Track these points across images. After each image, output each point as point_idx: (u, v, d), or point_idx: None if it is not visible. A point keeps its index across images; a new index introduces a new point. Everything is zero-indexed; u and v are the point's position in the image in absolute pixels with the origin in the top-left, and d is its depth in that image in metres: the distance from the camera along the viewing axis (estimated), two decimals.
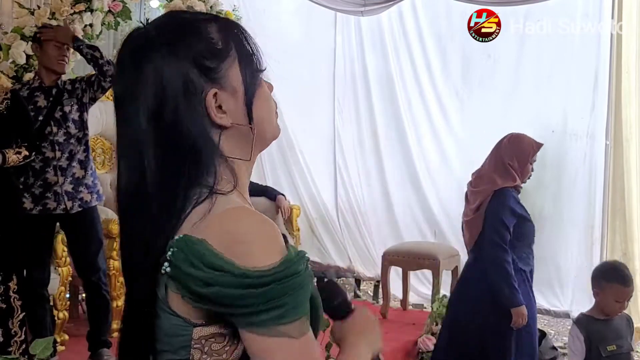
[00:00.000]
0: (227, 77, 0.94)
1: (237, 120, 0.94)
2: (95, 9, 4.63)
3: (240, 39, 0.96)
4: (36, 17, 4.45)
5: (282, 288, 0.83)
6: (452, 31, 5.10)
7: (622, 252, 4.19)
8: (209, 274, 0.83)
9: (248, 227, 0.86)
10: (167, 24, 0.96)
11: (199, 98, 0.92)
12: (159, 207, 0.90)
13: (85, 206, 3.51)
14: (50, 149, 3.42)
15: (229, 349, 0.88)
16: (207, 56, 0.93)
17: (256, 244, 0.84)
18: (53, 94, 3.47)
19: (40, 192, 3.43)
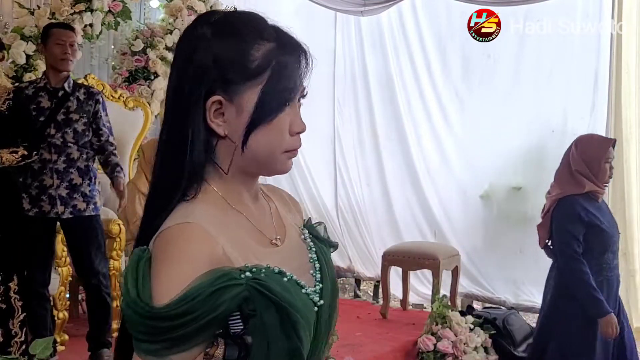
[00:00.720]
0: (240, 94, 0.95)
1: (232, 135, 0.97)
2: (95, 9, 4.64)
3: (284, 71, 0.96)
4: (36, 17, 4.46)
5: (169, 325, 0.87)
6: (452, 31, 5.10)
7: (622, 252, 4.19)
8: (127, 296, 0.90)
9: (172, 249, 0.91)
10: (222, 25, 0.98)
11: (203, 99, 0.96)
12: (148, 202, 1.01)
13: (77, 214, 3.45)
14: (47, 151, 3.39)
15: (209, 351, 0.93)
16: (233, 69, 0.95)
17: (166, 276, 0.89)
18: (58, 96, 3.45)
19: (36, 193, 3.41)
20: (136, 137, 4.85)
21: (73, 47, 3.49)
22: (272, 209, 1.08)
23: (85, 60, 5.52)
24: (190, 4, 5.30)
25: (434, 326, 3.88)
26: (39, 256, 3.46)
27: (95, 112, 3.52)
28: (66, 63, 3.46)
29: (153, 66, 5.15)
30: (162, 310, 0.87)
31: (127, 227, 4.21)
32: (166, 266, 0.90)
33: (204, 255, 0.91)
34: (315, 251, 1.07)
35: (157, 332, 0.88)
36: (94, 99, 3.52)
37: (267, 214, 1.06)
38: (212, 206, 0.97)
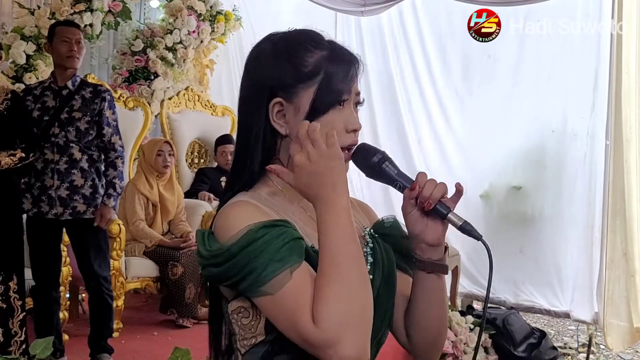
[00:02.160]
0: (297, 95, 1.07)
1: (292, 133, 1.07)
2: (95, 9, 4.64)
3: (336, 74, 1.08)
4: (36, 17, 4.46)
5: (241, 258, 0.96)
6: (452, 31, 5.10)
7: (622, 252, 4.19)
8: (200, 258, 1.02)
9: (229, 215, 1.03)
10: (281, 40, 1.12)
11: (266, 102, 1.08)
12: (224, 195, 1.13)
13: (76, 216, 3.41)
14: (50, 150, 3.36)
15: (254, 323, 1.02)
16: (289, 73, 1.07)
17: (229, 226, 1.00)
18: (63, 95, 3.42)
19: (37, 193, 3.38)
20: (136, 137, 4.86)
21: (79, 44, 3.45)
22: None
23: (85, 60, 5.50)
24: (190, 4, 5.31)
25: None
26: (43, 257, 3.44)
27: (100, 110, 3.44)
28: (72, 60, 3.43)
29: (153, 66, 5.15)
30: (232, 245, 0.97)
31: (126, 227, 4.21)
32: (227, 219, 1.02)
33: (261, 211, 1.03)
34: (372, 247, 1.15)
35: (241, 265, 0.96)
36: (100, 97, 3.45)
37: None
38: (269, 195, 1.10)
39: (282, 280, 0.95)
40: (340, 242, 0.97)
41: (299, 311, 0.94)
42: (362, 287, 0.97)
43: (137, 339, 4.02)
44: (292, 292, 0.95)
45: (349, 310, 0.94)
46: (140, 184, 4.42)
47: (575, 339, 5.07)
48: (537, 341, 4.08)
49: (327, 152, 1.00)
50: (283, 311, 0.95)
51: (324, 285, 0.95)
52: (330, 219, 0.99)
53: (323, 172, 1.00)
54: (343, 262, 0.96)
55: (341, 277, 0.95)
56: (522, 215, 4.80)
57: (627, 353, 4.78)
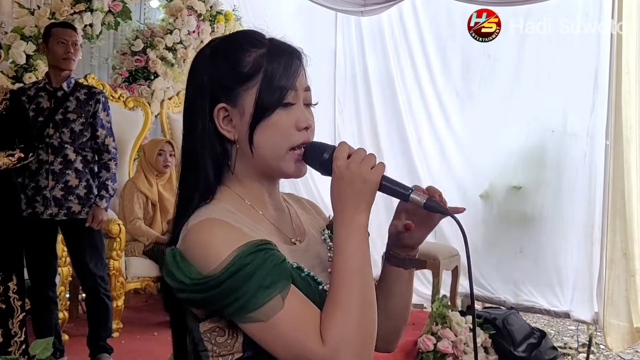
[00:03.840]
0: (240, 98, 1.04)
1: (240, 137, 1.05)
2: (95, 9, 4.63)
3: (276, 71, 1.03)
4: (36, 17, 4.45)
5: (232, 285, 0.93)
6: (452, 31, 5.10)
7: (622, 252, 4.19)
8: (177, 283, 0.97)
9: (203, 237, 0.97)
10: (218, 43, 1.09)
11: (209, 109, 1.05)
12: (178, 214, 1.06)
13: (71, 216, 3.42)
14: (45, 151, 3.37)
15: (230, 341, 1.00)
16: (227, 76, 1.04)
17: (209, 252, 0.95)
18: (57, 96, 3.42)
19: (32, 194, 3.38)
20: (136, 137, 4.85)
21: (75, 46, 3.45)
22: (292, 212, 1.15)
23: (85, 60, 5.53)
24: (190, 4, 5.30)
25: (434, 326, 3.88)
26: (39, 257, 3.44)
27: (95, 112, 3.45)
28: (68, 62, 3.43)
29: (153, 66, 5.15)
30: (221, 272, 0.93)
31: (125, 226, 4.21)
32: (205, 244, 0.96)
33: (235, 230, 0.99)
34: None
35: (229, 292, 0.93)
36: (95, 99, 3.47)
37: (286, 216, 1.13)
38: (230, 205, 1.05)
39: (273, 307, 0.93)
40: (354, 260, 0.98)
41: (303, 333, 0.94)
42: (369, 310, 0.97)
43: (137, 339, 4.02)
44: (288, 317, 0.94)
45: (358, 331, 0.94)
46: (139, 183, 4.42)
47: (575, 339, 5.07)
48: (537, 341, 4.08)
49: (368, 172, 1.00)
50: (280, 336, 0.94)
51: (336, 302, 0.96)
52: (345, 235, 0.99)
53: (352, 184, 0.99)
54: (355, 282, 0.97)
55: (352, 297, 0.96)
56: (522, 215, 4.80)
57: (627, 353, 4.78)
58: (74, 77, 3.56)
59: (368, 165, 1.00)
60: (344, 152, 1.02)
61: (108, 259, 3.87)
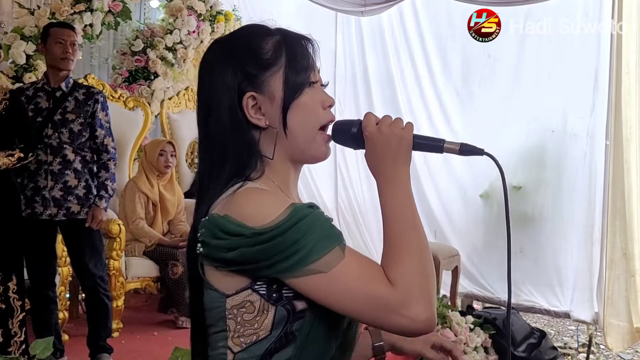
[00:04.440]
0: (267, 84, 1.05)
1: (272, 123, 1.06)
2: (95, 9, 4.63)
3: (297, 52, 1.07)
4: (36, 17, 4.45)
5: (292, 235, 0.93)
6: (452, 31, 5.10)
7: (622, 252, 4.19)
8: (230, 240, 0.95)
9: (255, 198, 0.99)
10: (231, 38, 1.12)
11: (237, 99, 1.05)
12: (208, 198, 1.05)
13: (70, 217, 3.41)
14: (44, 151, 3.36)
15: (259, 319, 0.98)
16: (251, 65, 1.05)
17: (263, 208, 0.96)
18: (56, 96, 3.42)
19: (31, 194, 3.37)
20: (136, 137, 4.85)
21: (74, 46, 3.44)
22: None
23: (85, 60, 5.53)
24: (190, 4, 5.30)
25: None
26: (39, 257, 3.44)
27: (93, 112, 3.45)
28: (67, 62, 3.42)
29: (153, 66, 5.15)
30: (281, 222, 0.94)
31: (126, 226, 4.21)
32: (258, 203, 0.97)
33: (281, 196, 1.02)
34: None
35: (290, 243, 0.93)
36: (93, 99, 3.46)
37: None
38: (266, 185, 1.06)
39: (334, 258, 0.95)
40: (405, 210, 1.02)
41: (370, 279, 0.96)
42: (428, 254, 1.01)
43: (137, 339, 4.02)
44: (352, 267, 0.95)
45: (422, 273, 0.97)
46: (141, 183, 4.42)
47: (575, 339, 5.07)
48: (537, 341, 4.08)
49: (400, 131, 1.04)
50: (345, 285, 0.94)
51: (396, 248, 0.99)
52: (393, 189, 1.03)
53: (388, 145, 1.03)
54: (410, 230, 1.00)
55: (411, 242, 0.99)
56: (522, 215, 4.79)
57: (627, 353, 4.78)
58: (72, 77, 3.55)
59: (398, 125, 1.05)
60: (373, 119, 1.06)
61: (108, 259, 3.87)
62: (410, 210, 1.02)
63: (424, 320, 0.95)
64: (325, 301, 0.95)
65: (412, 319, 0.94)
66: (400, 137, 1.04)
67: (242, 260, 0.96)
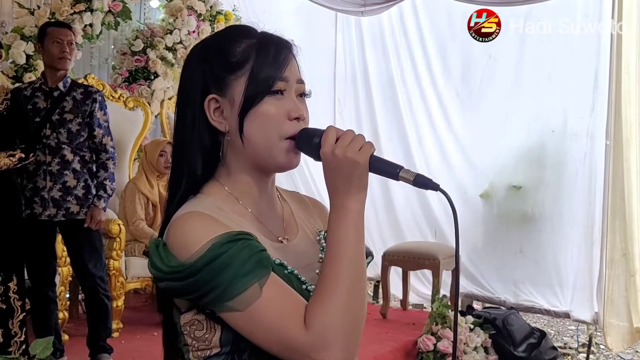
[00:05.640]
0: (230, 88, 1.03)
1: (231, 128, 1.04)
2: (95, 9, 4.63)
3: (266, 59, 1.03)
4: (36, 17, 4.46)
5: (205, 275, 0.92)
6: (452, 31, 5.10)
7: (622, 252, 4.19)
8: (157, 272, 0.97)
9: (184, 228, 0.97)
10: (210, 38, 1.12)
11: (200, 100, 1.04)
12: (168, 208, 1.06)
13: (69, 217, 3.40)
14: (43, 152, 3.34)
15: (208, 336, 0.99)
16: (218, 67, 1.04)
17: (187, 241, 0.95)
18: (54, 96, 3.41)
19: (30, 195, 3.37)
20: (136, 137, 4.85)
21: (71, 45, 3.43)
22: (286, 210, 1.13)
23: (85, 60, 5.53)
24: (190, 4, 5.30)
25: (434, 326, 3.88)
26: (39, 258, 3.43)
27: (92, 111, 3.43)
28: (64, 62, 3.40)
29: (153, 66, 5.15)
30: (196, 261, 0.93)
31: (126, 227, 4.21)
32: (185, 234, 0.96)
33: (217, 222, 0.98)
34: None
35: (205, 281, 0.93)
36: (91, 98, 3.44)
37: (277, 214, 1.11)
38: (219, 201, 1.04)
39: (250, 296, 0.92)
40: (343, 246, 0.97)
41: (285, 320, 0.93)
42: (359, 295, 0.96)
43: (137, 339, 4.02)
44: (267, 305, 0.93)
45: (343, 316, 0.93)
46: (140, 184, 4.42)
47: (575, 339, 5.07)
48: (537, 341, 4.08)
49: (355, 154, 0.97)
50: (260, 325, 0.93)
51: (322, 286, 0.95)
52: (337, 220, 0.98)
53: (340, 169, 0.98)
54: (343, 268, 0.95)
55: (340, 282, 0.94)
56: (522, 215, 4.80)
57: (627, 353, 4.78)
58: (70, 77, 3.53)
59: (355, 147, 0.97)
60: (332, 137, 0.99)
61: (108, 259, 3.87)
62: (352, 245, 0.97)
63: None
64: (245, 336, 0.95)
65: None
66: (354, 162, 0.97)
67: (170, 292, 0.98)
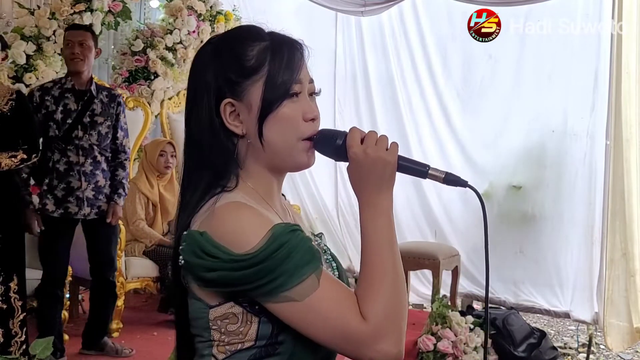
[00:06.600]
0: (247, 92, 1.03)
1: (249, 132, 1.04)
2: (95, 9, 4.63)
3: (281, 62, 1.03)
4: (36, 17, 4.45)
5: (269, 263, 0.93)
6: (452, 31, 5.10)
7: (622, 252, 4.19)
8: (209, 261, 0.95)
9: (236, 217, 0.97)
10: (220, 40, 1.09)
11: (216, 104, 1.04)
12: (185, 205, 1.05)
13: (101, 214, 3.56)
14: (75, 153, 3.45)
15: (243, 329, 0.99)
16: (232, 71, 1.04)
17: (244, 230, 0.96)
18: (84, 98, 3.48)
19: (62, 195, 3.45)
20: (136, 137, 4.85)
21: (82, 46, 3.47)
22: (290, 212, 1.18)
23: None
24: (190, 4, 5.30)
25: (434, 326, 3.88)
26: (59, 257, 3.52)
27: (117, 114, 3.60)
28: (75, 63, 3.47)
29: (153, 66, 5.15)
30: (259, 251, 0.93)
31: (126, 227, 4.21)
32: (234, 224, 0.96)
33: (263, 214, 1.00)
34: (329, 254, 1.19)
35: (267, 271, 0.93)
36: (116, 102, 3.60)
37: (287, 213, 1.15)
38: (248, 195, 1.05)
39: (309, 287, 0.94)
40: (382, 240, 1.01)
41: (342, 312, 0.95)
42: (402, 286, 1.00)
43: (137, 339, 4.02)
44: (325, 296, 0.95)
45: (394, 306, 0.97)
46: (141, 184, 4.43)
47: (575, 339, 5.07)
48: (537, 341, 4.08)
49: (385, 154, 1.01)
50: (318, 316, 0.95)
51: (370, 281, 0.98)
52: (372, 217, 1.01)
53: (373, 169, 1.01)
54: (386, 261, 0.99)
55: (386, 274, 0.99)
56: (522, 215, 4.80)
57: (627, 353, 4.78)
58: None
59: (383, 147, 1.01)
60: (357, 138, 1.02)
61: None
62: (389, 239, 1.01)
63: (394, 356, 0.96)
64: (298, 328, 0.96)
65: (382, 354, 0.95)
66: (385, 162, 1.01)
67: (220, 283, 0.96)
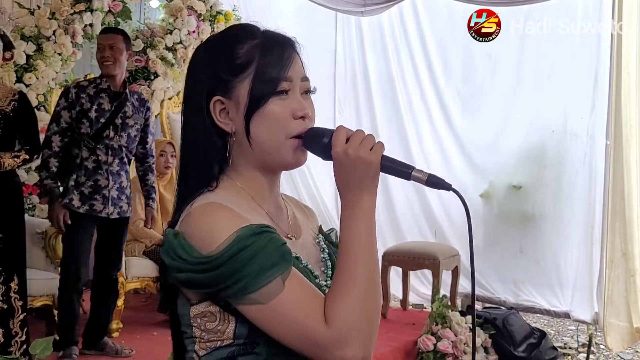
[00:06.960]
0: (235, 90, 1.04)
1: (237, 130, 1.05)
2: (95, 9, 4.63)
3: (270, 60, 1.04)
4: (36, 17, 4.45)
5: (231, 266, 0.93)
6: (452, 31, 5.11)
7: (622, 253, 4.19)
8: (179, 262, 0.97)
9: (208, 218, 0.98)
10: (214, 39, 1.11)
11: (206, 102, 1.05)
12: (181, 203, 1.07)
13: (122, 214, 3.59)
14: (104, 152, 3.48)
15: (221, 328, 0.99)
16: (223, 69, 1.05)
17: (212, 232, 0.96)
18: (118, 100, 3.52)
19: (89, 192, 3.48)
20: None
21: (112, 49, 3.47)
22: (290, 212, 1.16)
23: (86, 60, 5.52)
24: (190, 4, 5.30)
25: (434, 326, 3.88)
26: (85, 253, 3.55)
27: (146, 119, 3.67)
28: (106, 67, 3.50)
29: (153, 66, 5.15)
30: (222, 252, 0.93)
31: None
32: (207, 225, 0.97)
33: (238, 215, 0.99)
34: (327, 252, 1.15)
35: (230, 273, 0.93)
36: (145, 107, 3.66)
37: (284, 214, 1.13)
38: (233, 195, 1.05)
39: (274, 289, 0.93)
40: (358, 243, 0.98)
41: (306, 315, 0.94)
42: (375, 291, 0.98)
43: (137, 339, 4.02)
44: (290, 299, 0.94)
45: (362, 312, 0.95)
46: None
47: (575, 339, 5.07)
48: (537, 341, 4.08)
49: (367, 154, 0.98)
50: (282, 319, 0.94)
51: (340, 284, 0.96)
52: (350, 217, 1.00)
53: (354, 169, 0.99)
54: (360, 264, 0.97)
55: (357, 279, 0.96)
56: (522, 215, 4.80)
57: (627, 353, 4.78)
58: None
59: (367, 147, 0.99)
60: (342, 137, 1.00)
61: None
62: (366, 242, 0.99)
63: (358, 358, 0.94)
64: (266, 330, 0.95)
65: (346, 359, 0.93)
66: (367, 162, 0.98)
67: (190, 284, 0.97)
